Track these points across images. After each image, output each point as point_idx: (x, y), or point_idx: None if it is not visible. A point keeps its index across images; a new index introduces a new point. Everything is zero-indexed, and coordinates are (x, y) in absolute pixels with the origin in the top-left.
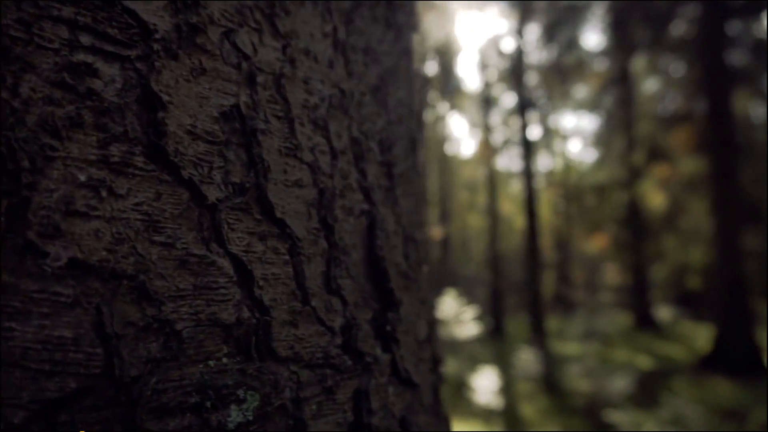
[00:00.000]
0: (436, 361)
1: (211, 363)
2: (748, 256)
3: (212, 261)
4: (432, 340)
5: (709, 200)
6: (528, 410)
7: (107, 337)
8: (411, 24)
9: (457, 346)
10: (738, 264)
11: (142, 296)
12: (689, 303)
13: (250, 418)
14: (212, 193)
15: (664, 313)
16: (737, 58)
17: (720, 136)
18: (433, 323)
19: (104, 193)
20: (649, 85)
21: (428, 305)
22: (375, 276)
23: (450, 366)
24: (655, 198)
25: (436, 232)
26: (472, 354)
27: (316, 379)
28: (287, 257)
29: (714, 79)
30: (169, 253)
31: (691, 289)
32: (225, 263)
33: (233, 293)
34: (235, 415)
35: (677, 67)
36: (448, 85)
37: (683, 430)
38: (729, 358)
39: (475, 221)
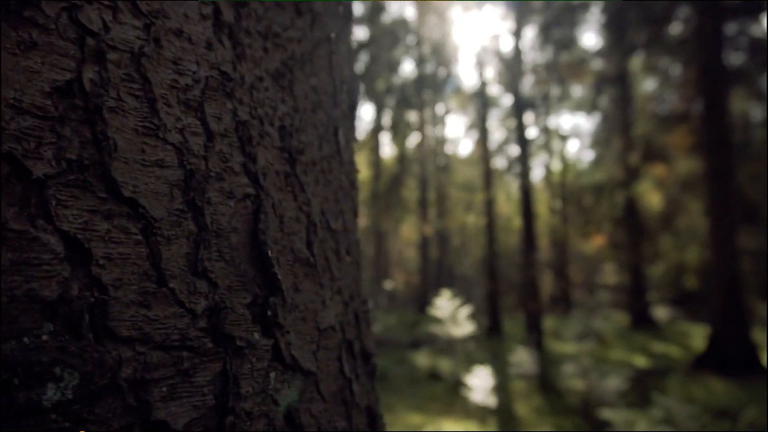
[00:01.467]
0: (366, 355)
1: (26, 340)
2: (745, 255)
3: (35, 237)
4: (350, 331)
5: (705, 199)
6: (523, 409)
7: None
8: (337, 12)
9: (452, 346)
10: (734, 263)
11: None
12: (687, 303)
13: (70, 396)
14: (39, 169)
15: (661, 312)
16: (734, 57)
17: (715, 135)
18: (360, 314)
19: None
20: (647, 85)
21: (350, 295)
22: (259, 260)
23: (445, 365)
24: (652, 198)
25: (427, 229)
26: (468, 353)
27: (171, 361)
28: (140, 237)
29: (710, 79)
30: None
31: (689, 288)
32: (52, 240)
33: (59, 270)
34: (51, 394)
35: (675, 68)
36: (445, 84)
37: (673, 429)
38: (723, 357)
39: (474, 221)
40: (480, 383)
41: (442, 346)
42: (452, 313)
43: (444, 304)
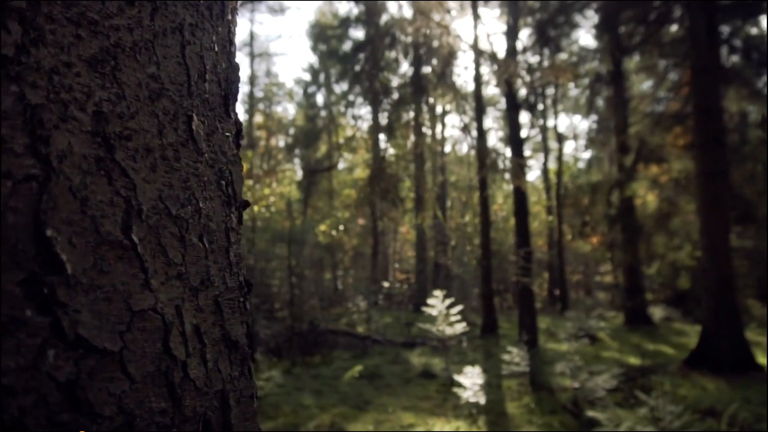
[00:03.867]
0: (230, 342)
1: None
2: (742, 255)
3: None
4: (199, 316)
5: (698, 199)
6: (513, 407)
7: None
8: (193, 3)
9: (445, 344)
10: (726, 262)
11: None
12: (683, 302)
13: None
14: None
15: (657, 312)
16: (729, 57)
17: (708, 134)
18: (222, 301)
19: None
20: (641, 85)
21: (201, 281)
22: (40, 240)
23: (438, 364)
24: (648, 198)
25: (427, 220)
26: (462, 352)
27: None
28: None
29: (702, 78)
30: None
31: (685, 288)
32: None
33: None
34: None
35: (670, 68)
36: (443, 85)
37: (657, 427)
38: (715, 355)
39: (471, 221)
40: (470, 382)
41: (436, 344)
42: (444, 312)
43: (436, 303)
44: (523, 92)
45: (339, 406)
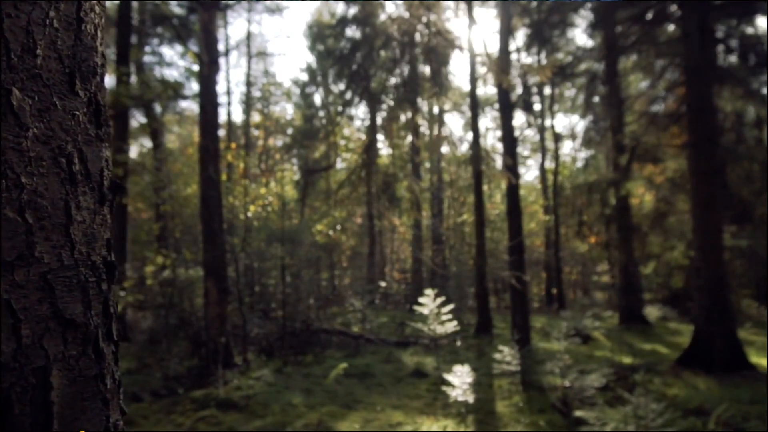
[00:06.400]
0: (62, 320)
1: None
2: (737, 255)
3: None
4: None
5: (691, 198)
6: (502, 406)
7: None
8: None
9: (437, 343)
10: (719, 261)
11: None
12: (679, 302)
13: None
14: None
15: (653, 312)
16: (724, 56)
17: (702, 133)
18: (54, 280)
19: None
20: (637, 85)
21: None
22: None
23: (429, 363)
24: (644, 197)
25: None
26: (455, 351)
27: None
28: None
29: (696, 77)
30: None
31: (679, 287)
32: None
33: None
34: None
35: (667, 67)
36: (439, 84)
37: (642, 426)
38: (707, 354)
39: (467, 220)
40: (459, 381)
41: (428, 343)
42: (435, 311)
43: (427, 302)
44: (520, 92)
45: (328, 404)
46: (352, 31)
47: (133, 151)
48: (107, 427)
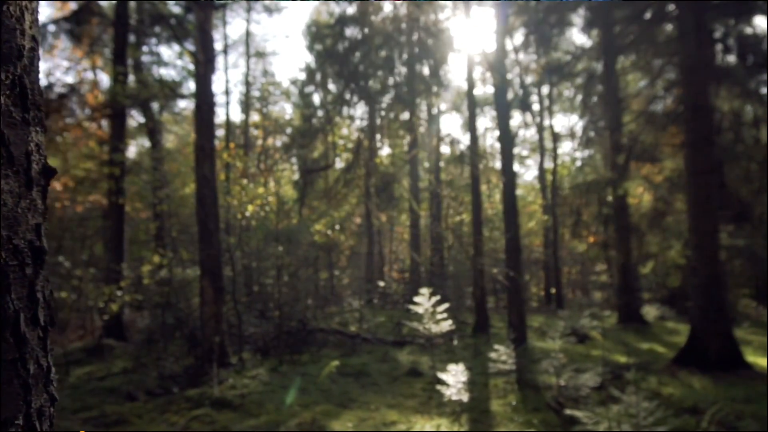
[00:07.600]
0: None
1: None
2: (736, 254)
3: None
4: None
5: (687, 197)
6: (497, 405)
7: None
8: None
9: (432, 342)
10: (715, 260)
11: None
12: (677, 301)
13: None
14: None
15: (651, 311)
16: (722, 56)
17: (699, 133)
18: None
19: None
20: (635, 84)
21: None
22: None
23: (425, 362)
24: (642, 197)
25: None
26: (451, 350)
27: None
28: None
29: (693, 77)
30: None
31: (676, 287)
32: None
33: None
34: None
35: (665, 66)
36: (438, 84)
37: (630, 424)
38: (703, 353)
39: (466, 220)
40: (454, 380)
41: (425, 343)
42: (431, 310)
43: (422, 300)
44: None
45: (323, 403)
46: (351, 31)
47: (131, 151)
48: (28, 412)
